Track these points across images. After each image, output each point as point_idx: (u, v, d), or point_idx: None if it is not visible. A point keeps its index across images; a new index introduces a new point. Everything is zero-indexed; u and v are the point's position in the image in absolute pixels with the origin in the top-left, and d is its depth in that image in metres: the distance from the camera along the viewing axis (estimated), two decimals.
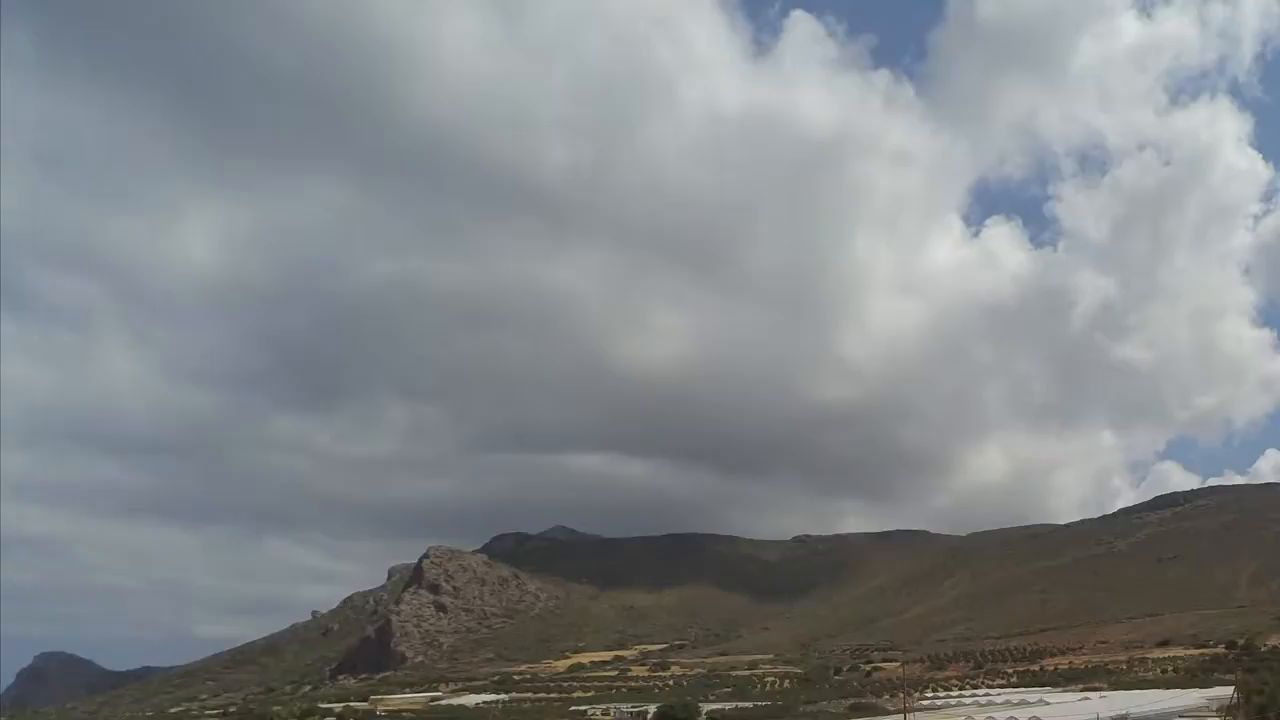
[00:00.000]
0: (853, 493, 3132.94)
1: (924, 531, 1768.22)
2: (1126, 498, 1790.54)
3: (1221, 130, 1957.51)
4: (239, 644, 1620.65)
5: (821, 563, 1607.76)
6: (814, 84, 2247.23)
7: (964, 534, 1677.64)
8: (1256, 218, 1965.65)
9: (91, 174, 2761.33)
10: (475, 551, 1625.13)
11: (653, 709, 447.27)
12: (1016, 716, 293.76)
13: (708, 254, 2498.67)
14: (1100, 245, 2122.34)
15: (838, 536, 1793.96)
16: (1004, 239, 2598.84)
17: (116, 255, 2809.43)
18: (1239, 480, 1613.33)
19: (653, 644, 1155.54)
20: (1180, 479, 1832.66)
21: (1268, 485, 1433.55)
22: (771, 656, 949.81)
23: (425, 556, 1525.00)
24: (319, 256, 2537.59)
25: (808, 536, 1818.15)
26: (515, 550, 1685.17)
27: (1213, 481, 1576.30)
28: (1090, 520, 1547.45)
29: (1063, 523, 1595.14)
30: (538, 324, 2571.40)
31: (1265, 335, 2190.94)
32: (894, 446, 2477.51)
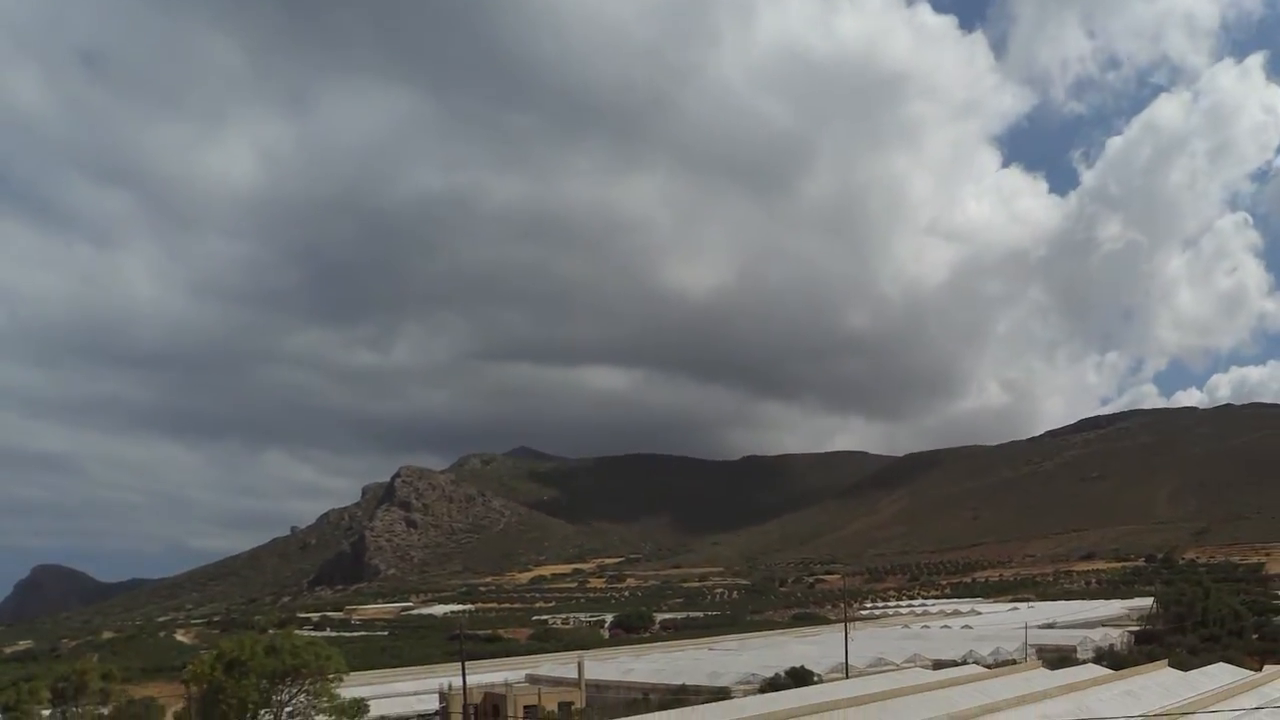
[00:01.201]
0: (858, 412, 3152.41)
1: (862, 452, 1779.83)
2: (1056, 419, 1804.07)
3: None
4: (223, 557, 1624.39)
5: (768, 481, 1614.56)
6: (883, 23, 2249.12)
7: (900, 455, 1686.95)
8: None
9: (138, 75, 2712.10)
10: (443, 471, 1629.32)
11: (609, 618, 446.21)
12: (950, 625, 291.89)
13: (764, 182, 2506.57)
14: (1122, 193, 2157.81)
15: (782, 456, 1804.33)
16: (1040, 190, 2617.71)
17: (152, 164, 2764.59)
18: (1161, 404, 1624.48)
19: (609, 558, 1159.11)
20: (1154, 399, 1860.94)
21: (1187, 409, 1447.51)
22: (720, 570, 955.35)
23: (397, 475, 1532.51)
24: (370, 169, 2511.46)
25: (755, 456, 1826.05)
26: (480, 470, 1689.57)
27: (1133, 405, 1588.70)
28: (1019, 441, 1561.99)
29: (993, 444, 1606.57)
30: (591, 242, 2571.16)
31: None
32: (903, 372, 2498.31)
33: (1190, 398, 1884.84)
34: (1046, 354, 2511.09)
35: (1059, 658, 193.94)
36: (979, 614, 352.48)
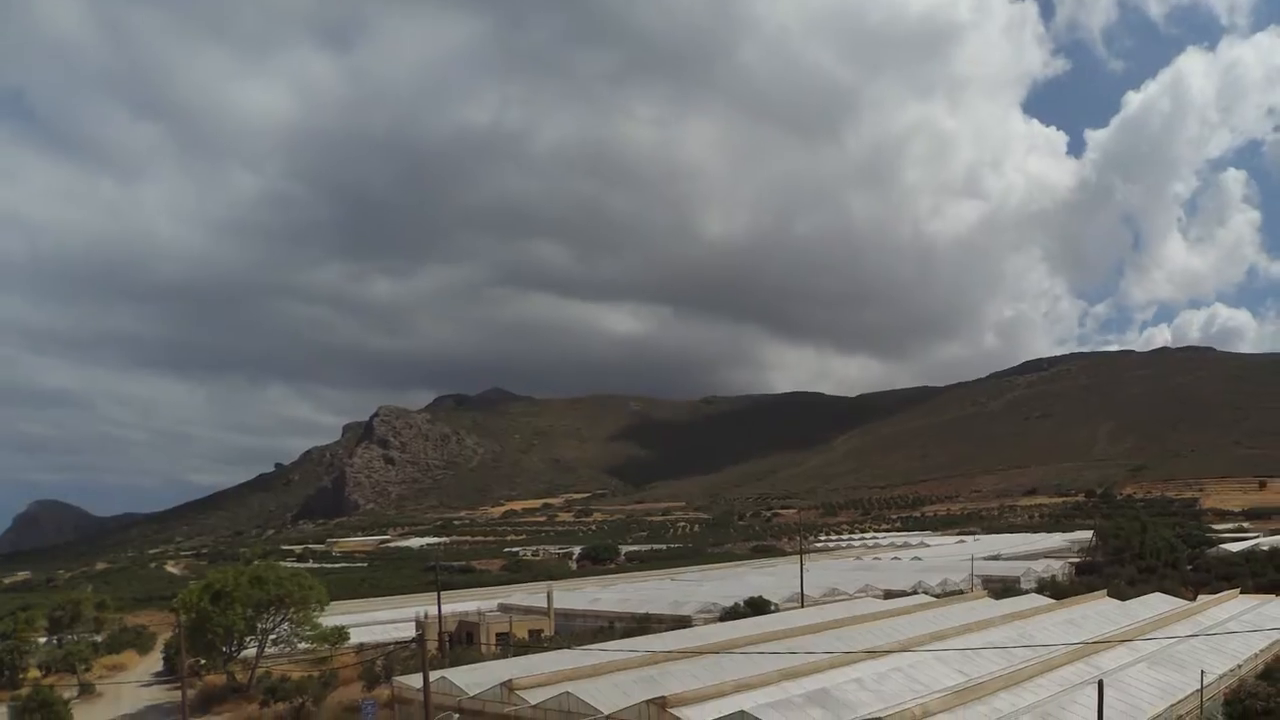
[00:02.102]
0: (866, 352, 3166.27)
1: (818, 393, 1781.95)
2: (1003, 361, 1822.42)
3: None
4: (210, 492, 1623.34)
5: (728, 421, 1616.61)
6: None
7: (854, 395, 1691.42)
8: None
9: (181, 2, 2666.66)
10: (420, 411, 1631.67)
11: (577, 551, 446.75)
12: (900, 557, 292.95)
13: (810, 128, 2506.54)
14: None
15: (743, 396, 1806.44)
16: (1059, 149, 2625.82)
17: (187, 95, 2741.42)
18: (1102, 348, 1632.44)
19: (577, 493, 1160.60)
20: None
21: (1124, 353, 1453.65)
22: (682, 505, 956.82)
23: (375, 415, 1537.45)
24: (416, 104, 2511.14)
25: (715, 396, 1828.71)
26: (453, 411, 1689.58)
27: (1076, 349, 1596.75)
28: (965, 383, 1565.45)
29: (941, 385, 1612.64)
30: (644, 181, 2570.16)
31: None
32: (914, 316, 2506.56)
33: (1157, 340, 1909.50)
34: (1040, 302, 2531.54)
35: (1003, 588, 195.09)
36: (927, 547, 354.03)
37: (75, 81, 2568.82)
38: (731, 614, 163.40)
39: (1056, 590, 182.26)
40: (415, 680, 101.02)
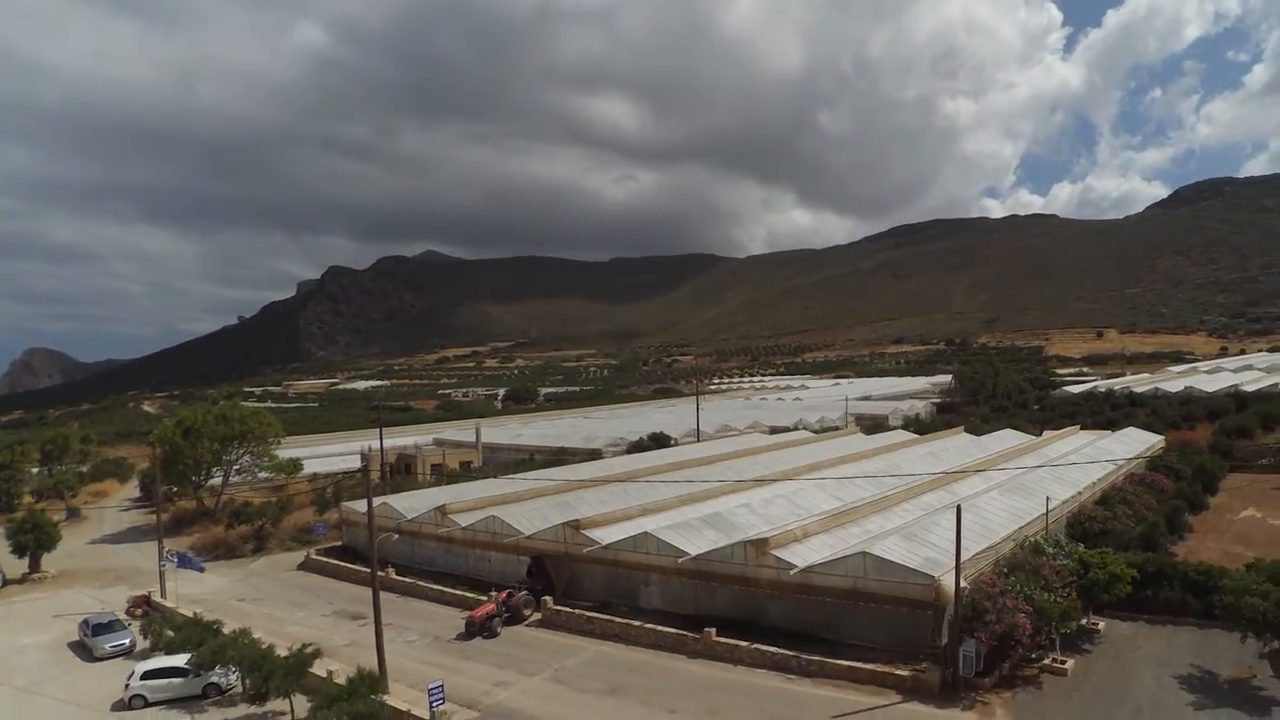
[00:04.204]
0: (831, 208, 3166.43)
1: (712, 255, 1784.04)
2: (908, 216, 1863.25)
3: None
4: (182, 340, 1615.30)
5: (635, 278, 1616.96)
6: None
7: (742, 257, 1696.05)
8: None
9: None
10: (364, 270, 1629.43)
11: (502, 392, 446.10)
12: (783, 398, 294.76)
13: None
14: None
15: (647, 259, 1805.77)
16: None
17: None
18: (959, 215, 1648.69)
19: (502, 342, 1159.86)
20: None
21: (979, 219, 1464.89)
22: (594, 352, 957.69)
23: (326, 273, 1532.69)
24: None
25: (623, 258, 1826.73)
26: (394, 269, 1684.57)
27: (943, 215, 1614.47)
28: (840, 245, 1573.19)
29: (819, 248, 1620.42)
30: (720, 39, 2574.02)
31: None
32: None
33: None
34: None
35: (874, 425, 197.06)
36: (807, 389, 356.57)
37: None
38: (637, 447, 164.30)
39: (920, 427, 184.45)
40: (360, 505, 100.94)
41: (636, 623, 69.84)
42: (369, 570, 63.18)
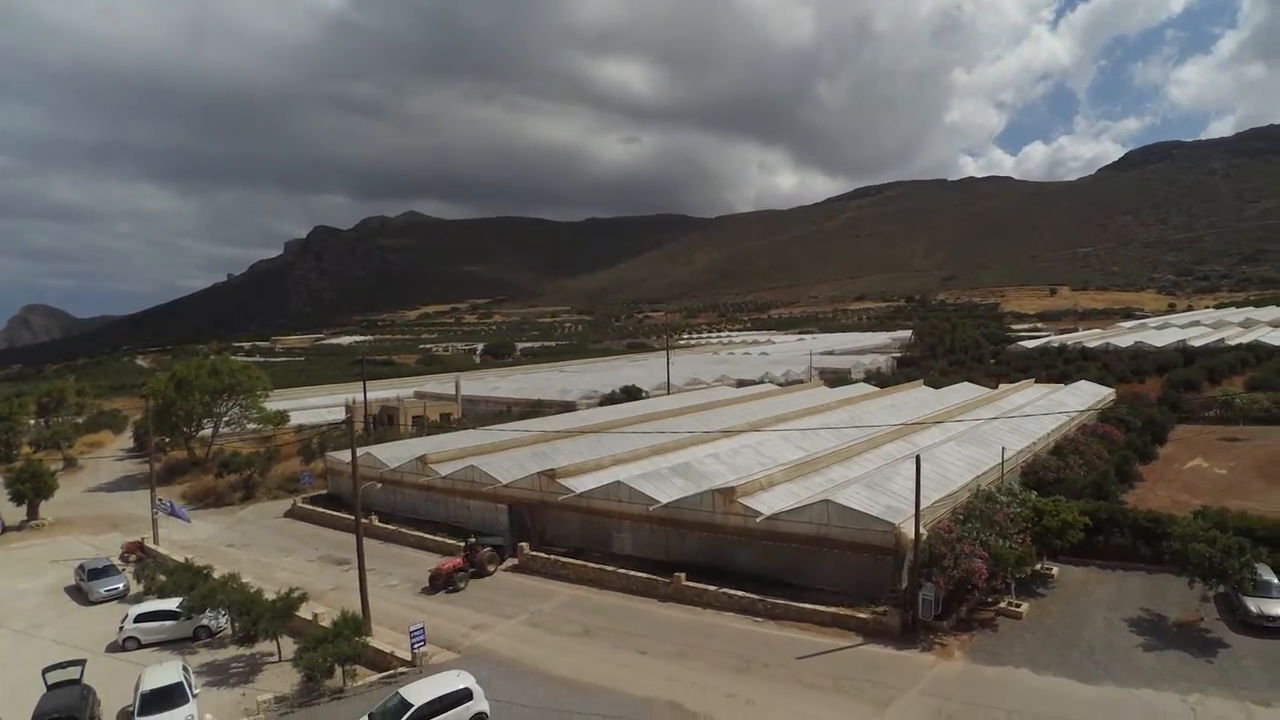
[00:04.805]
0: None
1: (684, 215, 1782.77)
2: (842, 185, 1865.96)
3: None
4: (175, 297, 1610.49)
5: (607, 238, 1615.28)
6: None
7: (713, 216, 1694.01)
8: None
9: None
10: (348, 230, 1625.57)
11: (480, 347, 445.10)
12: (750, 352, 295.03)
13: None
14: None
15: (617, 219, 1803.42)
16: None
17: None
18: (920, 176, 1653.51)
19: (480, 299, 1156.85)
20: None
21: (938, 180, 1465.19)
22: (568, 308, 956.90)
23: (312, 233, 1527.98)
24: None
25: (595, 219, 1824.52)
26: (378, 230, 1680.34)
27: (905, 176, 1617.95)
28: (804, 206, 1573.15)
29: (785, 209, 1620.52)
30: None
31: None
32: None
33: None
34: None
35: (836, 378, 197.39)
36: (773, 344, 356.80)
37: None
38: (609, 400, 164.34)
39: (881, 380, 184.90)
40: (344, 455, 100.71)
41: (609, 568, 70.03)
42: (353, 518, 63.18)
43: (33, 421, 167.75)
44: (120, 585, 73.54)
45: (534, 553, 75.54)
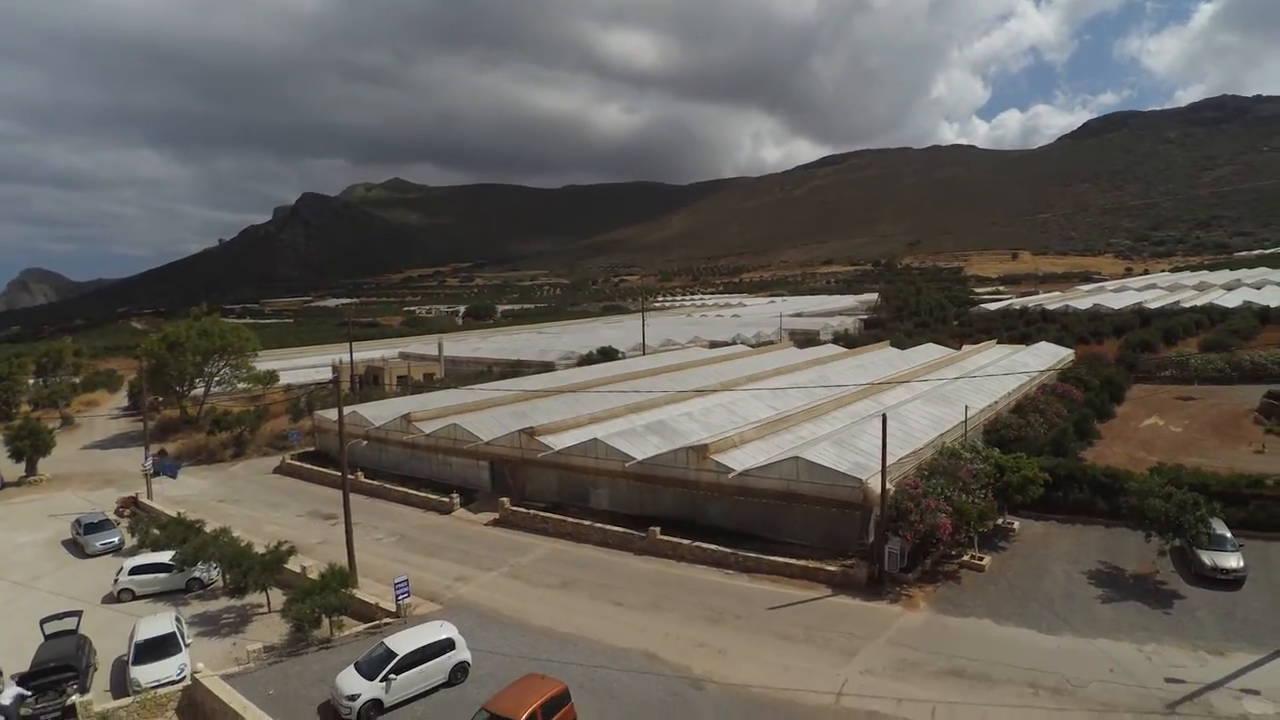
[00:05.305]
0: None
1: (657, 183, 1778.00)
2: (811, 154, 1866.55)
3: None
4: (165, 262, 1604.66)
5: (586, 206, 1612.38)
6: None
7: (685, 184, 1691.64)
8: None
9: None
10: (336, 196, 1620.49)
11: (462, 309, 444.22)
12: (722, 315, 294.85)
13: None
14: None
15: (594, 186, 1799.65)
16: None
17: None
18: (884, 144, 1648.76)
19: (463, 262, 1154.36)
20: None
21: (903, 149, 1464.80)
22: (547, 272, 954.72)
23: (300, 199, 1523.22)
24: None
25: (572, 186, 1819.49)
26: (363, 196, 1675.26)
27: (866, 145, 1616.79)
28: (774, 174, 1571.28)
29: (755, 176, 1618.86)
30: None
31: None
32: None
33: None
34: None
35: (806, 339, 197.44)
36: (745, 306, 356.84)
37: None
38: (587, 361, 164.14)
39: (848, 341, 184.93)
40: (331, 414, 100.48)
41: (586, 522, 70.11)
42: (340, 474, 63.00)
43: (31, 381, 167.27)
44: (115, 539, 73.56)
45: (514, 508, 75.51)
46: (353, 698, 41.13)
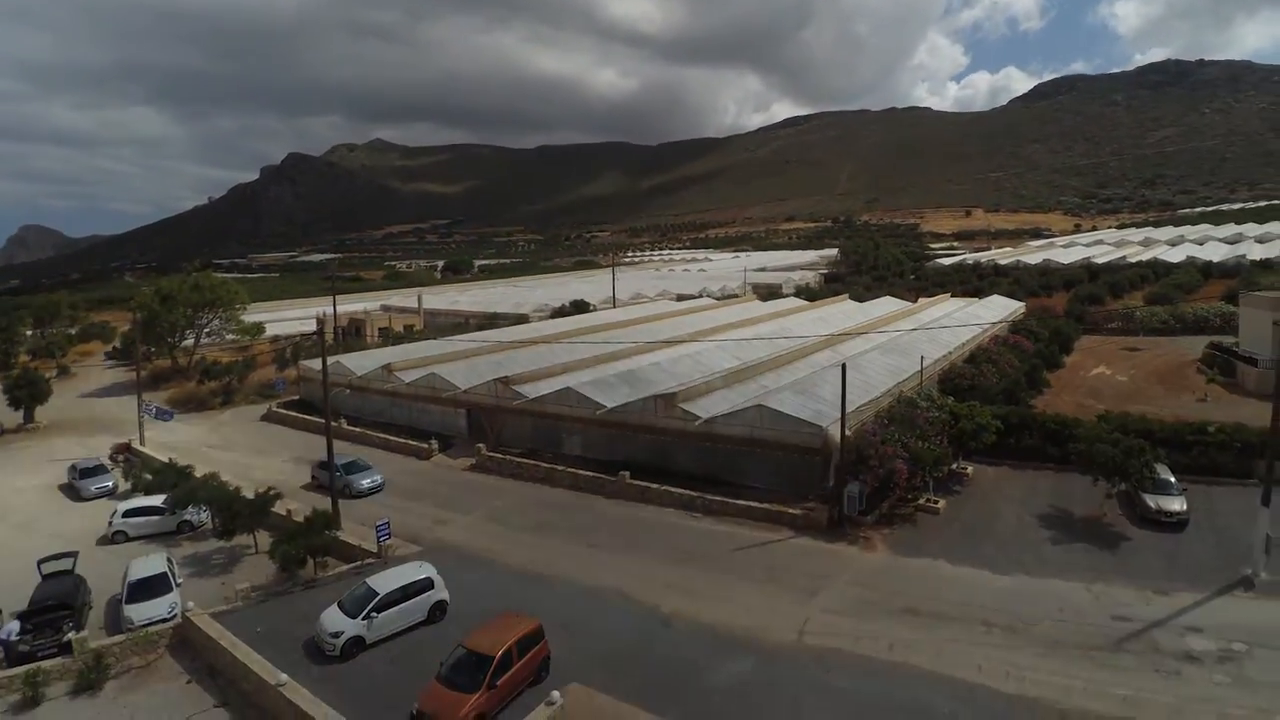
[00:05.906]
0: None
1: (630, 143, 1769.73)
2: (762, 118, 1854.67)
3: None
4: (156, 219, 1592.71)
5: (559, 166, 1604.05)
6: None
7: (655, 144, 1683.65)
8: None
9: None
10: (319, 156, 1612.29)
11: (441, 264, 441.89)
12: (689, 269, 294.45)
13: None
14: None
15: (570, 145, 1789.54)
16: None
17: None
18: (844, 107, 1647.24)
19: (441, 220, 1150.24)
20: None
21: (861, 111, 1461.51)
22: (521, 228, 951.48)
23: (286, 158, 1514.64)
24: None
25: (549, 146, 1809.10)
26: (346, 156, 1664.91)
27: (825, 107, 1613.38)
28: (740, 135, 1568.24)
29: (720, 136, 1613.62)
30: None
31: None
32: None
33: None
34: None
35: (769, 293, 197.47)
36: (710, 261, 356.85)
37: None
38: (560, 313, 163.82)
39: (810, 294, 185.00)
40: (316, 364, 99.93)
41: (560, 467, 70.10)
42: (324, 421, 62.71)
43: (29, 332, 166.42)
44: (109, 483, 73.33)
45: (490, 454, 75.36)
46: (336, 635, 41.07)
